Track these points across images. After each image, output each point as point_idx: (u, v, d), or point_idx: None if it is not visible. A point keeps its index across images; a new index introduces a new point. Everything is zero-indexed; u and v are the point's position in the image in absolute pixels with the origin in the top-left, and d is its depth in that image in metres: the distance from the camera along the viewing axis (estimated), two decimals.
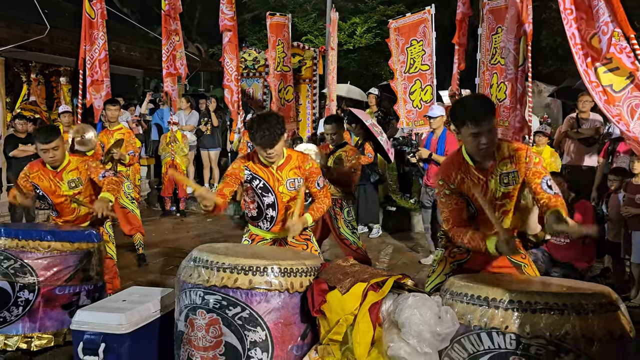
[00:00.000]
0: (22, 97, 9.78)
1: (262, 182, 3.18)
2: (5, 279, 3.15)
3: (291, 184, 3.19)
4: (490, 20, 6.28)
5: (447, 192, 2.69)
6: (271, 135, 2.97)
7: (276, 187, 3.18)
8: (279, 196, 3.19)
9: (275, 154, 3.07)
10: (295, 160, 3.21)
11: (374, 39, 15.02)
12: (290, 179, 3.18)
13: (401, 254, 6.51)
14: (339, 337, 2.39)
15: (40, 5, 8.14)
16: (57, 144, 3.68)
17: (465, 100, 2.81)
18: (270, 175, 3.17)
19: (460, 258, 2.85)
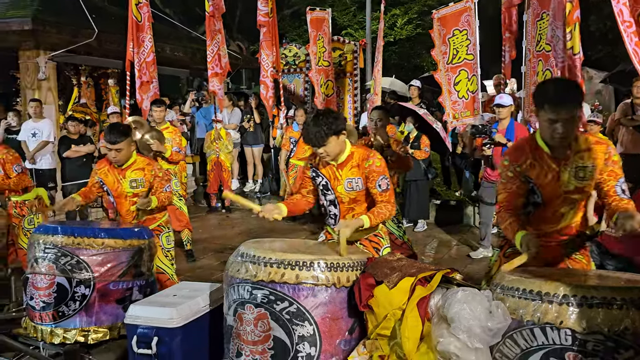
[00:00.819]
0: (73, 99, 10.16)
1: (324, 180, 3.08)
2: (63, 275, 3.28)
3: (349, 184, 3.02)
4: (535, 6, 6.06)
5: (510, 174, 2.57)
6: (317, 134, 2.85)
7: (335, 186, 3.06)
8: (338, 196, 3.08)
9: (326, 154, 2.93)
10: (357, 157, 3.00)
11: (415, 30, 14.80)
12: (349, 178, 3.01)
13: (448, 247, 6.41)
14: (387, 332, 2.37)
15: (88, 10, 8.42)
16: (121, 147, 3.73)
17: (549, 82, 2.68)
18: (331, 174, 3.06)
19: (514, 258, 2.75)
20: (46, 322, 3.31)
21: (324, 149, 2.91)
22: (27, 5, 8.61)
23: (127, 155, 3.82)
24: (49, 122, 7.61)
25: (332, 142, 2.89)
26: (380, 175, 2.96)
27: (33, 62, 8.05)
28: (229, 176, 8.74)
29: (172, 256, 4.08)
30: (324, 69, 8.68)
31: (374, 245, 3.17)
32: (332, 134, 2.87)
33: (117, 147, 3.71)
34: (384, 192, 2.97)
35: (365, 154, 3.00)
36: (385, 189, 2.98)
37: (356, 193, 3.03)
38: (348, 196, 3.05)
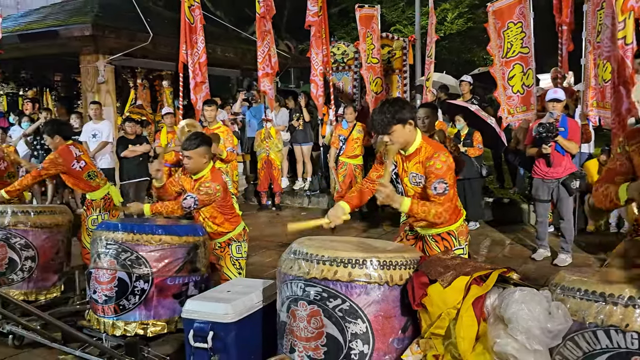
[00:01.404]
0: (130, 101, 10.54)
1: (396, 169, 3.06)
2: (124, 270, 3.42)
3: (413, 178, 2.97)
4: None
5: (619, 150, 2.42)
6: (382, 122, 2.83)
7: (403, 177, 3.04)
8: (405, 188, 3.04)
9: (391, 142, 2.87)
10: (423, 154, 2.92)
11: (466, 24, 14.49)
12: (413, 172, 2.97)
13: (501, 246, 6.25)
14: (441, 331, 2.34)
15: (144, 14, 8.72)
16: (191, 155, 3.72)
17: None
18: (401, 164, 3.03)
19: None
20: (108, 315, 3.46)
21: (389, 137, 2.87)
22: (87, 12, 9.02)
23: (198, 166, 3.77)
24: (108, 123, 7.93)
25: (397, 130, 2.85)
26: (439, 178, 2.85)
27: (93, 66, 8.41)
28: (279, 174, 8.84)
29: (239, 265, 4.03)
30: (373, 66, 8.63)
31: (445, 245, 3.07)
32: (396, 123, 2.83)
33: (187, 155, 3.73)
34: (439, 196, 2.86)
35: (431, 152, 2.89)
36: (440, 192, 2.85)
37: (419, 189, 2.96)
38: (413, 189, 2.99)
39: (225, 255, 4.00)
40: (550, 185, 5.35)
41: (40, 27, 8.88)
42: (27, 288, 4.30)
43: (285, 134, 9.16)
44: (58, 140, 4.76)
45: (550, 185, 5.36)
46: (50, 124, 5.04)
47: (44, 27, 8.77)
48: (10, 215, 4.24)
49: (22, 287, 4.28)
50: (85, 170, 4.79)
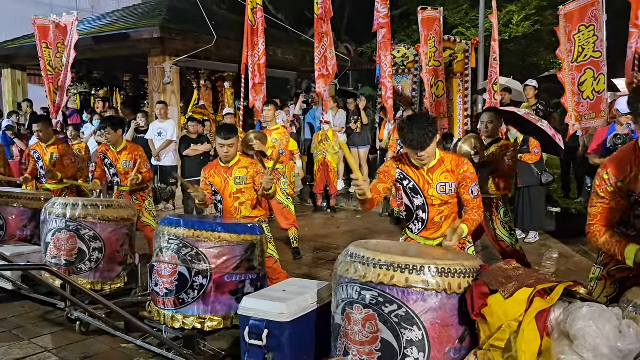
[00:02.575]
0: (193, 101, 10.89)
1: (412, 183, 3.13)
2: (184, 265, 3.52)
3: (442, 187, 3.08)
4: None
5: (610, 188, 2.41)
6: (422, 137, 2.90)
7: (426, 189, 3.11)
8: (429, 199, 3.11)
9: (426, 156, 3.00)
10: (449, 163, 3.09)
11: (533, 26, 13.99)
12: (441, 182, 3.08)
13: (565, 259, 5.99)
14: (501, 343, 2.26)
15: (209, 18, 8.96)
16: (233, 142, 4.09)
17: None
18: (420, 177, 3.11)
19: (621, 276, 2.53)
20: (168, 308, 3.57)
21: (426, 152, 2.96)
22: (156, 15, 9.38)
23: (236, 151, 4.17)
24: (173, 122, 8.22)
25: (433, 143, 2.98)
26: (473, 182, 3.08)
27: (160, 67, 8.73)
28: (335, 177, 8.86)
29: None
30: (435, 69, 8.49)
31: (460, 245, 3.16)
32: (433, 137, 2.95)
33: (230, 143, 4.06)
34: (476, 199, 3.09)
35: (457, 159, 3.10)
36: (477, 195, 3.10)
37: (448, 196, 3.11)
38: (440, 199, 3.10)
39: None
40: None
41: (112, 30, 9.32)
42: (94, 278, 4.52)
43: (343, 135, 9.17)
44: (120, 134, 5.27)
45: None
46: (112, 119, 5.48)
47: (116, 30, 9.19)
48: (81, 207, 4.46)
49: (89, 277, 4.50)
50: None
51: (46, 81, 8.30)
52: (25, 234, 5.28)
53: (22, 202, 5.25)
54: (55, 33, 8.00)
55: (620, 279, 2.55)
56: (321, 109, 8.89)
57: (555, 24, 6.74)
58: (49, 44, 8.11)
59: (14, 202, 5.22)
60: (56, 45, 8.07)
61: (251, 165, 4.19)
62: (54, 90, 8.15)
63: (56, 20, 8.03)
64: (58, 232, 4.45)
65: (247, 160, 4.24)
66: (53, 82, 8.19)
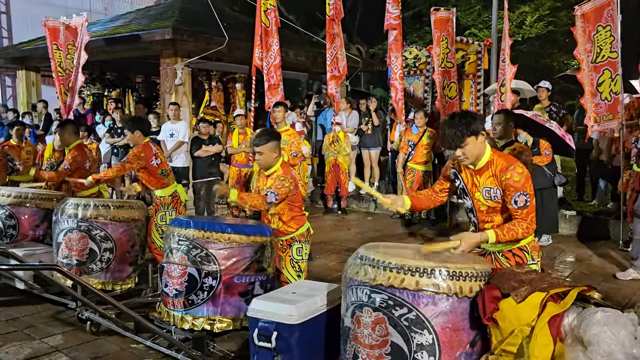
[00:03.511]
0: (205, 102, 10.93)
1: (462, 184, 2.95)
2: (194, 266, 3.52)
3: (487, 192, 2.84)
4: None
5: None
6: (452, 136, 2.74)
7: (473, 192, 2.90)
8: (476, 203, 2.91)
9: (463, 157, 2.78)
10: (495, 166, 2.81)
11: (546, 27, 13.85)
12: (487, 187, 2.84)
13: (579, 262, 5.90)
14: (513, 348, 2.23)
15: (220, 19, 9.00)
16: (262, 150, 3.78)
17: None
18: (470, 178, 2.91)
19: None
20: (178, 309, 3.57)
21: (462, 151, 2.77)
22: (168, 17, 9.44)
23: (270, 161, 3.83)
24: (185, 123, 8.24)
25: (470, 143, 2.75)
26: (518, 191, 2.73)
27: (172, 68, 8.78)
28: (346, 178, 8.83)
29: (299, 268, 3.99)
30: (448, 70, 8.43)
31: (517, 260, 2.90)
32: (469, 135, 2.73)
33: (259, 150, 3.79)
34: (521, 209, 2.75)
35: (506, 165, 2.79)
36: (522, 206, 2.74)
37: (495, 203, 2.85)
38: (486, 204, 2.87)
39: (286, 257, 3.96)
40: None
41: (125, 31, 9.39)
42: (105, 278, 4.54)
43: (354, 137, 9.15)
44: (138, 135, 4.93)
45: None
46: (131, 120, 5.29)
47: (128, 31, 9.26)
48: (93, 208, 4.49)
49: (100, 277, 4.52)
50: (160, 167, 4.95)
51: (57, 82, 8.35)
52: (37, 233, 5.31)
53: (34, 202, 5.29)
54: (65, 34, 8.07)
55: None
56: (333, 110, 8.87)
57: (569, 24, 6.67)
58: (59, 45, 8.17)
59: (26, 202, 5.26)
60: (66, 46, 8.13)
61: (278, 177, 3.79)
62: (64, 92, 8.21)
63: (66, 22, 8.09)
64: (70, 232, 4.48)
65: (282, 171, 3.82)
66: (64, 83, 8.26)
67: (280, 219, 3.91)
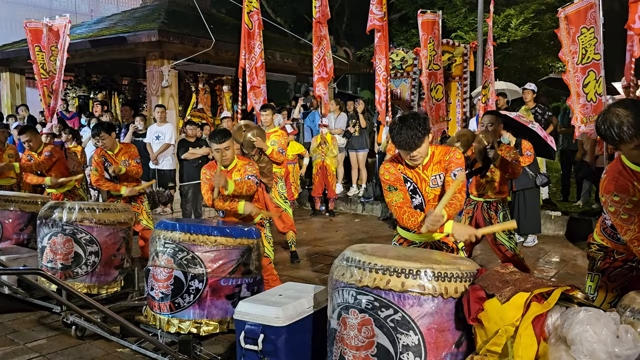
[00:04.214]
0: (192, 105, 10.88)
1: (412, 185, 3.07)
2: (180, 269, 3.50)
3: (434, 180, 3.03)
4: None
5: (629, 205, 2.36)
6: (412, 137, 2.83)
7: (423, 187, 3.06)
8: (426, 197, 3.06)
9: (419, 156, 2.92)
10: (438, 154, 3.02)
11: (531, 30, 14.01)
12: (433, 175, 3.03)
13: (564, 263, 5.97)
14: (497, 348, 2.24)
15: (207, 21, 8.97)
16: (228, 145, 4.07)
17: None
18: (417, 177, 3.05)
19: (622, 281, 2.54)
20: (164, 312, 3.54)
21: (418, 151, 2.89)
22: (155, 18, 9.39)
23: (233, 154, 4.16)
24: (171, 126, 8.20)
25: (425, 142, 2.90)
26: (458, 167, 2.96)
27: (158, 70, 8.73)
28: (334, 180, 8.85)
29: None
30: (435, 72, 8.50)
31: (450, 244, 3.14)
32: (425, 136, 2.88)
33: (225, 146, 4.04)
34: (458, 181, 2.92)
35: (445, 149, 3.03)
36: (459, 178, 2.93)
37: (439, 189, 3.04)
38: (433, 192, 3.05)
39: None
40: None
41: (111, 33, 9.31)
42: (90, 282, 4.50)
43: (341, 139, 9.16)
44: (114, 136, 5.40)
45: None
46: (103, 124, 5.59)
47: (114, 33, 9.19)
48: (78, 211, 4.44)
49: (86, 281, 4.48)
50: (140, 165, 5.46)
51: (40, 85, 8.26)
52: (21, 237, 5.25)
53: (18, 206, 5.23)
54: (48, 36, 7.98)
55: (622, 284, 2.52)
56: (320, 112, 8.88)
57: (553, 27, 6.75)
58: (42, 47, 8.09)
59: (10, 205, 5.20)
60: (49, 48, 8.05)
61: (243, 166, 4.19)
62: (48, 94, 8.12)
63: (49, 24, 8.01)
64: (54, 235, 4.43)
65: (242, 161, 4.25)
66: (47, 86, 8.17)
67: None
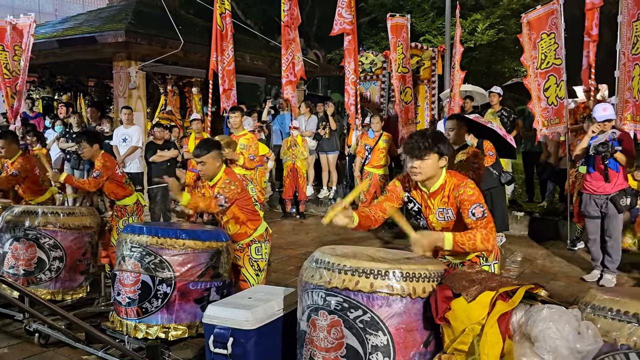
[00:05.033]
0: (160, 107, 10.73)
1: (417, 206, 2.98)
2: (147, 273, 3.44)
3: (440, 214, 2.89)
4: (631, 6, 5.69)
5: None
6: (418, 144, 2.71)
7: (427, 214, 2.95)
8: (430, 225, 2.96)
9: (418, 170, 2.76)
10: (448, 187, 2.83)
11: (497, 35, 14.33)
12: (440, 208, 2.88)
13: (529, 262, 6.10)
14: (464, 347, 2.27)
15: (176, 22, 8.87)
16: (204, 160, 3.73)
17: None
18: (423, 202, 2.94)
19: None
20: (131, 317, 3.48)
21: (420, 164, 2.75)
22: (121, 19, 9.23)
23: (213, 170, 3.80)
24: (139, 128, 8.06)
25: (431, 159, 2.75)
26: (474, 204, 2.73)
27: (125, 72, 8.58)
28: (304, 182, 8.85)
29: (258, 267, 3.99)
30: (404, 75, 8.60)
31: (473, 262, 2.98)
32: (435, 151, 2.74)
33: (200, 160, 3.74)
34: (479, 220, 2.72)
35: (457, 182, 2.81)
36: (480, 217, 2.72)
37: (447, 223, 2.89)
38: (440, 225, 2.92)
39: (244, 256, 3.95)
40: (599, 201, 5.10)
41: (76, 33, 9.12)
42: (54, 288, 4.39)
43: (312, 141, 9.17)
44: (96, 148, 4.95)
45: (598, 201, 5.11)
46: (88, 134, 5.19)
47: (80, 33, 9.00)
48: (41, 215, 4.33)
49: (50, 287, 4.37)
50: (124, 176, 5.08)
51: (2, 85, 8.02)
52: None
53: None
54: (12, 35, 7.76)
55: None
56: (290, 114, 8.88)
57: (518, 32, 6.92)
58: (5, 46, 7.86)
59: None
60: (13, 47, 7.83)
61: (224, 183, 3.76)
62: (11, 95, 7.89)
63: (13, 22, 7.79)
64: (16, 240, 4.31)
65: (226, 178, 3.80)
66: (10, 86, 7.94)
67: (237, 222, 3.88)
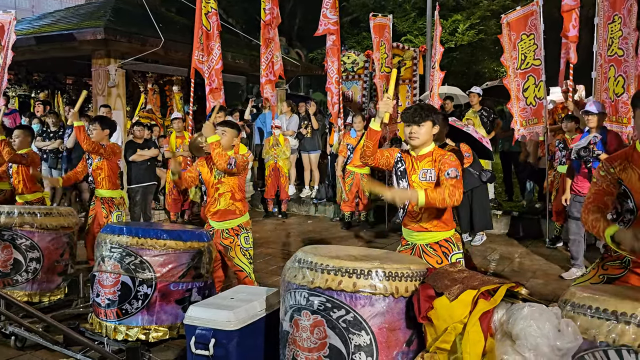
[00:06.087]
0: (140, 105, 10.59)
1: (403, 167, 3.21)
2: (128, 274, 3.40)
3: (424, 174, 3.14)
4: (607, 8, 5.80)
5: (603, 173, 2.60)
6: (416, 112, 3.07)
7: (411, 174, 3.18)
8: (411, 185, 3.17)
9: (415, 135, 3.09)
10: (437, 154, 3.14)
11: (477, 35, 14.48)
12: (424, 169, 3.15)
13: (509, 260, 6.18)
14: (446, 345, 2.29)
15: (156, 20, 8.75)
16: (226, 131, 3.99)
17: None
18: (410, 164, 3.19)
19: (612, 273, 2.61)
20: (110, 319, 3.43)
21: (417, 129, 3.08)
22: (100, 16, 9.08)
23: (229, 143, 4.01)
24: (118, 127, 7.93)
25: (426, 126, 3.09)
26: (452, 167, 3.03)
27: (104, 69, 8.44)
28: (286, 182, 8.82)
29: (249, 255, 4.19)
30: (386, 75, 8.63)
31: (444, 251, 3.19)
32: (430, 119, 3.08)
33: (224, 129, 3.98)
34: (451, 179, 3.00)
35: (442, 153, 3.14)
36: (453, 176, 3.01)
37: (427, 184, 3.11)
38: (420, 185, 3.12)
39: (235, 246, 4.08)
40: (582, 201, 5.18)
41: (54, 30, 8.94)
42: (31, 289, 4.30)
43: (294, 140, 9.15)
44: (106, 133, 5.22)
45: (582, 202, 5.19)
46: (104, 119, 5.54)
47: (57, 30, 8.83)
48: (17, 215, 4.23)
49: (26, 289, 4.27)
50: (119, 169, 5.24)
51: None
52: None
53: None
54: None
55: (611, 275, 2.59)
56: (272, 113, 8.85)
57: (498, 33, 7.00)
58: None
59: None
60: None
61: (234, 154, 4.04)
62: None
63: None
64: None
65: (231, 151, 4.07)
66: None
67: (233, 197, 4.01)
